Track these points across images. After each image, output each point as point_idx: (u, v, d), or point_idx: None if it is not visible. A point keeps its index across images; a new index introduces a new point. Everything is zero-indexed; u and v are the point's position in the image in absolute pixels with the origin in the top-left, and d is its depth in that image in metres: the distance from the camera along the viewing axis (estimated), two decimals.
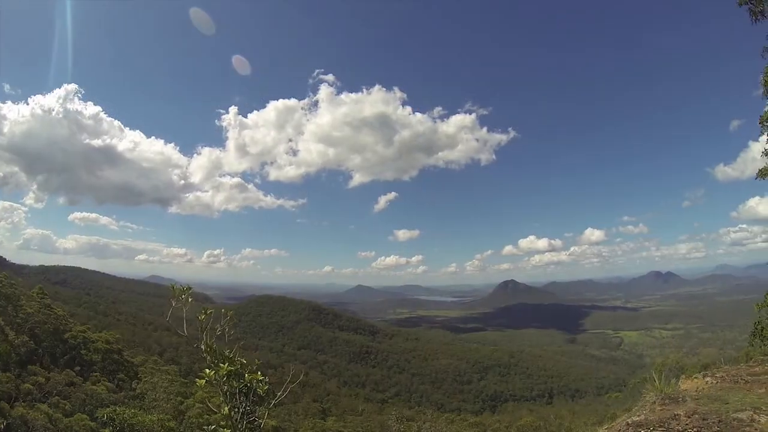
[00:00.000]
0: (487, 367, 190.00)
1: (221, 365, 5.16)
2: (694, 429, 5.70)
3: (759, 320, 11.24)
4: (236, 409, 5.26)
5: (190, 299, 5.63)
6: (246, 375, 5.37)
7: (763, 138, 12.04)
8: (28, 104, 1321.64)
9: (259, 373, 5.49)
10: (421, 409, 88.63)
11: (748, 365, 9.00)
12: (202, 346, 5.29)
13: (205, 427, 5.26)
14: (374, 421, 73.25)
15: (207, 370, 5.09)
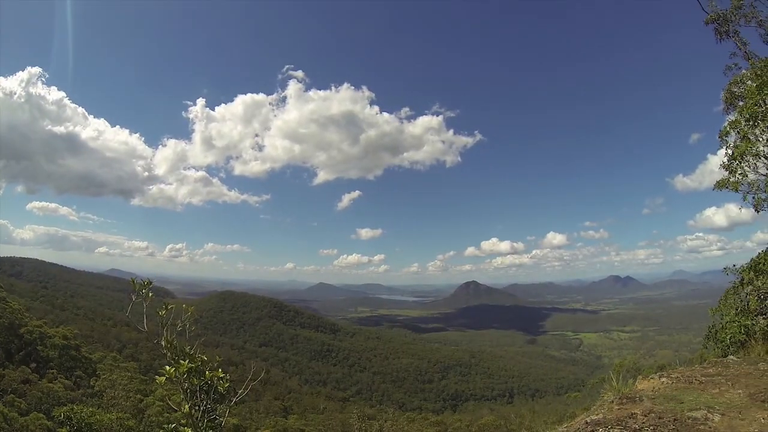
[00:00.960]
0: (448, 367, 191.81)
1: (182, 362, 5.03)
2: (651, 427, 5.90)
3: (713, 324, 11.77)
4: (197, 407, 5.15)
5: (150, 294, 5.44)
6: (207, 372, 5.25)
7: (722, 151, 12.59)
8: None
9: (220, 370, 5.40)
10: (383, 407, 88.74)
11: (702, 366, 9.39)
12: (163, 343, 5.16)
13: (165, 426, 5.14)
14: (336, 420, 72.94)
15: (167, 367, 4.97)
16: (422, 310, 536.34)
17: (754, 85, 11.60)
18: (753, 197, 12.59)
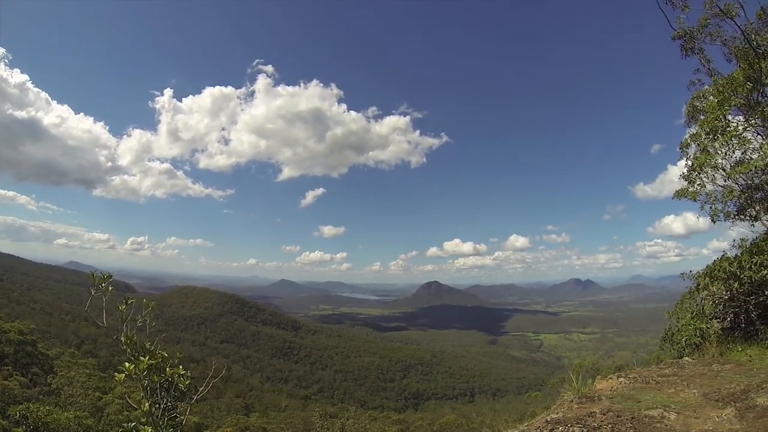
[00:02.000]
0: (410, 366, 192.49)
1: (142, 358, 4.86)
2: (609, 425, 6.04)
3: (669, 327, 12.12)
4: (157, 405, 4.98)
5: (110, 288, 5.25)
6: (167, 369, 5.10)
7: (682, 162, 12.98)
8: None
9: (180, 367, 5.24)
10: (345, 406, 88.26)
11: (659, 367, 9.68)
12: (122, 338, 4.97)
13: (125, 425, 4.94)
14: (298, 418, 72.18)
15: (127, 364, 4.78)
16: (384, 309, 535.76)
17: (716, 101, 12.03)
18: (710, 207, 13.08)
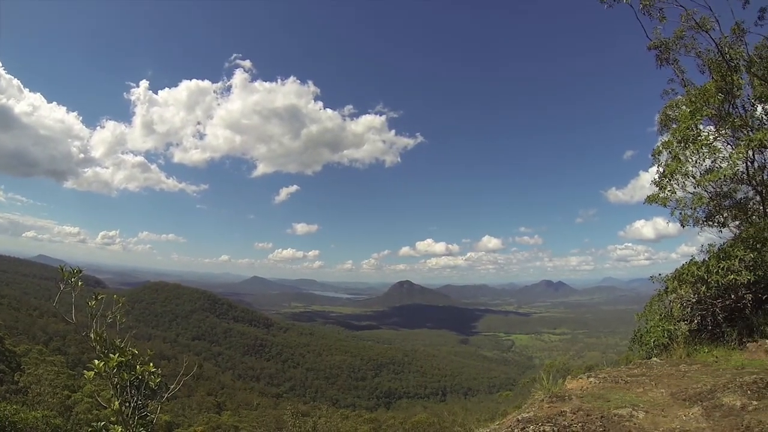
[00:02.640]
0: (382, 365, 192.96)
1: (111, 356, 4.73)
2: (579, 424, 6.12)
3: (638, 328, 12.38)
4: (127, 404, 4.87)
5: (80, 283, 5.10)
6: (138, 366, 4.99)
7: (653, 169, 13.25)
8: None
9: (151, 364, 5.15)
10: (316, 404, 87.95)
11: (628, 367, 9.87)
12: (92, 335, 4.82)
13: (94, 424, 4.79)
14: (269, 416, 71.66)
15: (96, 361, 4.64)
16: (356, 308, 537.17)
17: (688, 110, 12.33)
18: (680, 213, 13.41)
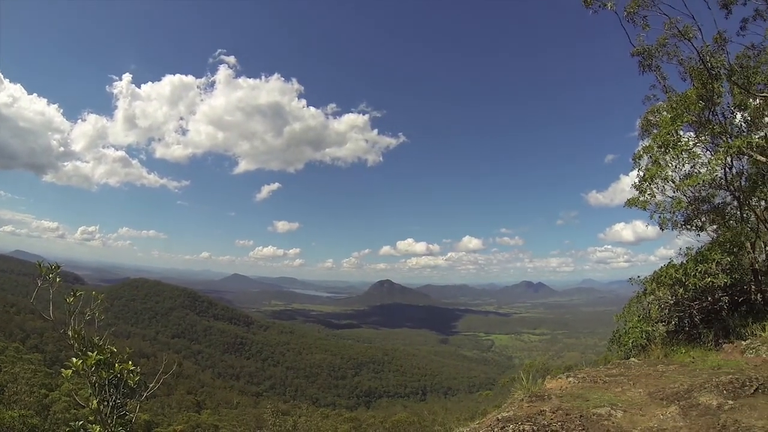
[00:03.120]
0: (362, 364, 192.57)
1: (90, 354, 4.65)
2: (558, 423, 6.20)
3: (617, 329, 12.59)
4: (106, 403, 4.79)
5: (58, 279, 5.01)
6: (116, 365, 4.90)
7: (634, 173, 13.46)
8: None
9: (130, 362, 5.06)
10: (296, 403, 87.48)
11: (607, 367, 10.01)
12: (70, 333, 4.73)
13: (72, 423, 4.69)
14: (250, 415, 71.03)
15: (74, 359, 4.56)
16: (336, 306, 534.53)
17: (669, 116, 12.57)
18: (659, 216, 13.70)
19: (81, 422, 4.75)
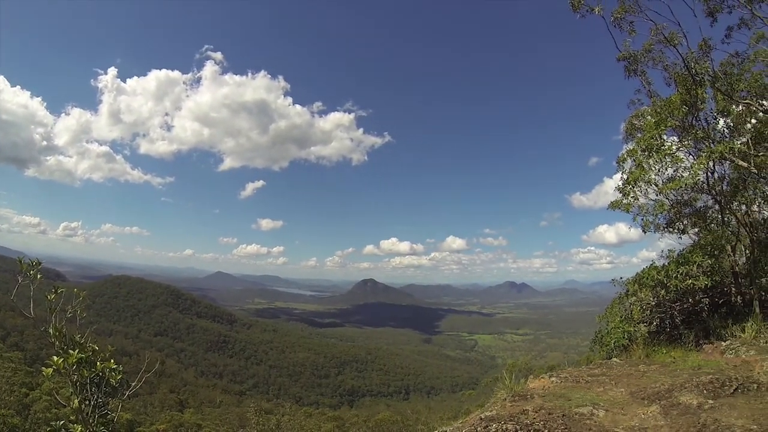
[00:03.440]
0: (345, 363, 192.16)
1: (71, 352, 4.59)
2: (541, 422, 6.26)
3: (599, 330, 12.76)
4: (87, 402, 4.72)
5: (39, 276, 4.93)
6: (98, 363, 4.87)
7: (617, 176, 13.60)
8: None
9: (112, 361, 5.04)
10: (280, 401, 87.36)
11: (589, 367, 10.12)
12: (51, 330, 4.66)
13: (53, 423, 4.60)
14: (233, 414, 70.79)
15: (55, 358, 4.49)
16: (319, 305, 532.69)
17: (653, 120, 12.74)
18: (642, 219, 13.89)
19: (62, 422, 4.68)
